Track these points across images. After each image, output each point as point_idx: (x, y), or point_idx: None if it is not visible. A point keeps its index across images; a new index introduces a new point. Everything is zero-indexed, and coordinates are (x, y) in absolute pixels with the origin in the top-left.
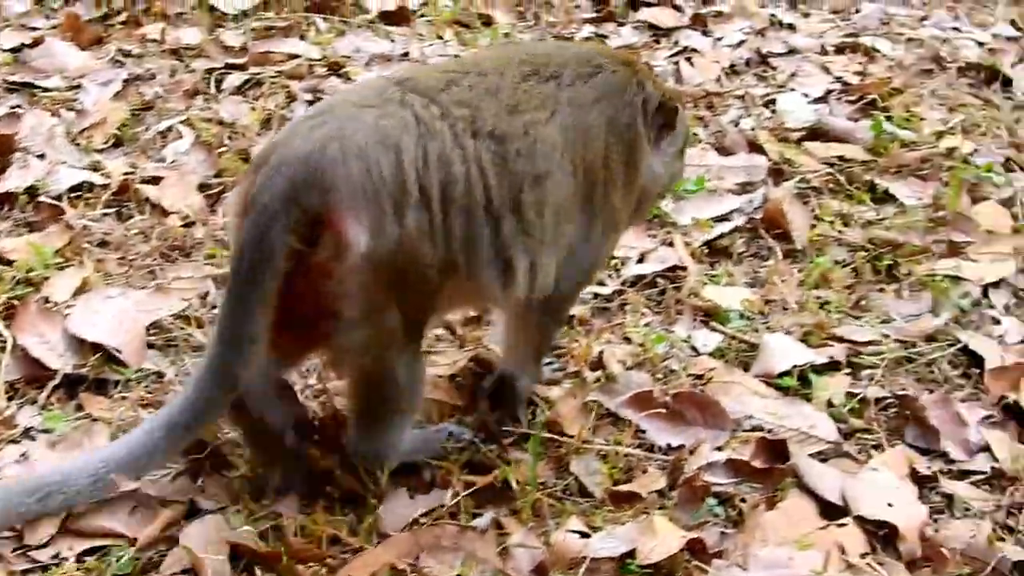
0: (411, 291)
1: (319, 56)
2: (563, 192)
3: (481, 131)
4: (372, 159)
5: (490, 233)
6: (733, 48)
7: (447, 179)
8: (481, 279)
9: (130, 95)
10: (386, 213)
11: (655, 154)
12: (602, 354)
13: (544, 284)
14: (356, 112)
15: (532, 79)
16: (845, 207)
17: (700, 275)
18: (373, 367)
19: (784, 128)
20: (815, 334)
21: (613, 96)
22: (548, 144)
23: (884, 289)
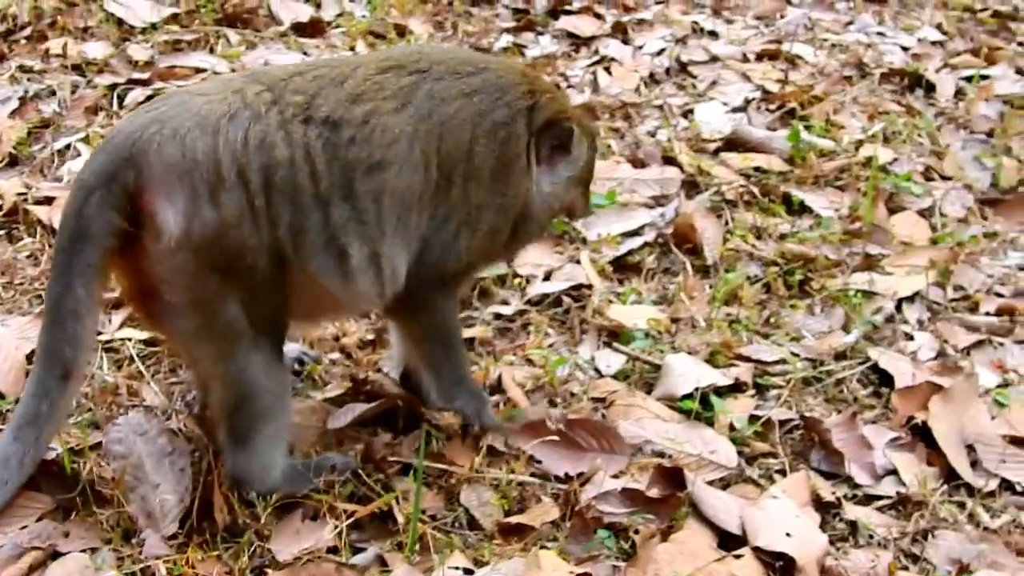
0: (243, 280)
1: (228, 70)
2: (406, 182)
3: (314, 118)
4: (188, 142)
5: (319, 220)
6: (653, 56)
7: (268, 163)
8: (313, 268)
9: (28, 112)
10: (200, 195)
11: (543, 172)
12: (501, 377)
13: (392, 277)
14: (187, 99)
15: (391, 72)
16: (759, 220)
17: (607, 293)
18: (224, 368)
19: (701, 139)
20: (721, 354)
21: (489, 94)
22: (390, 133)
23: (796, 305)
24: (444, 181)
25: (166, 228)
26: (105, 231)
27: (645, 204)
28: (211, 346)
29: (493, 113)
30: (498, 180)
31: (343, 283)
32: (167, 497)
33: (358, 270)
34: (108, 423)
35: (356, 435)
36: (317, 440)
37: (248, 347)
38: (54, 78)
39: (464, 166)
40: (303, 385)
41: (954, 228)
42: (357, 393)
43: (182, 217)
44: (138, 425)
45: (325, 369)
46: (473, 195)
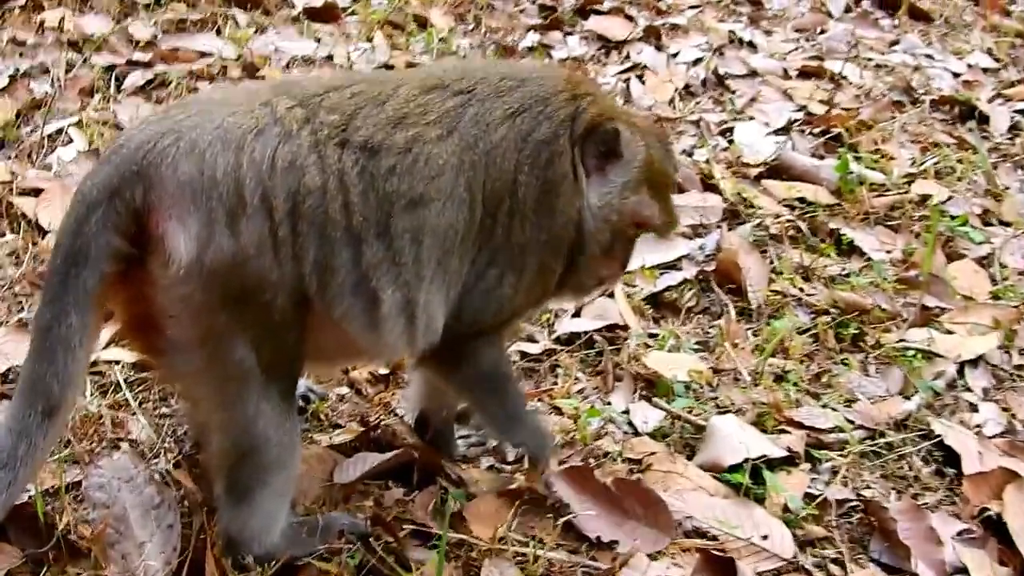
0: (257, 318)
1: (234, 55)
2: (449, 220)
3: (350, 141)
4: (207, 158)
5: (350, 258)
6: (689, 67)
7: (297, 188)
8: (339, 311)
9: (18, 91)
10: (216, 219)
11: (592, 184)
12: None
13: (426, 329)
14: (209, 107)
15: (435, 92)
16: (807, 259)
17: (643, 335)
18: (228, 415)
19: (742, 162)
20: (770, 416)
21: (531, 111)
22: (434, 164)
23: (848, 361)
24: (489, 219)
25: (175, 254)
26: (106, 253)
27: (684, 234)
28: (215, 390)
29: (535, 132)
30: (544, 211)
31: (369, 332)
32: (151, 563)
33: (388, 318)
34: (89, 463)
35: (365, 489)
36: (322, 494)
37: (257, 393)
38: (48, 54)
39: (509, 201)
40: (308, 426)
41: (1015, 281)
42: (367, 439)
43: (194, 243)
44: (123, 469)
45: (332, 407)
46: (517, 233)
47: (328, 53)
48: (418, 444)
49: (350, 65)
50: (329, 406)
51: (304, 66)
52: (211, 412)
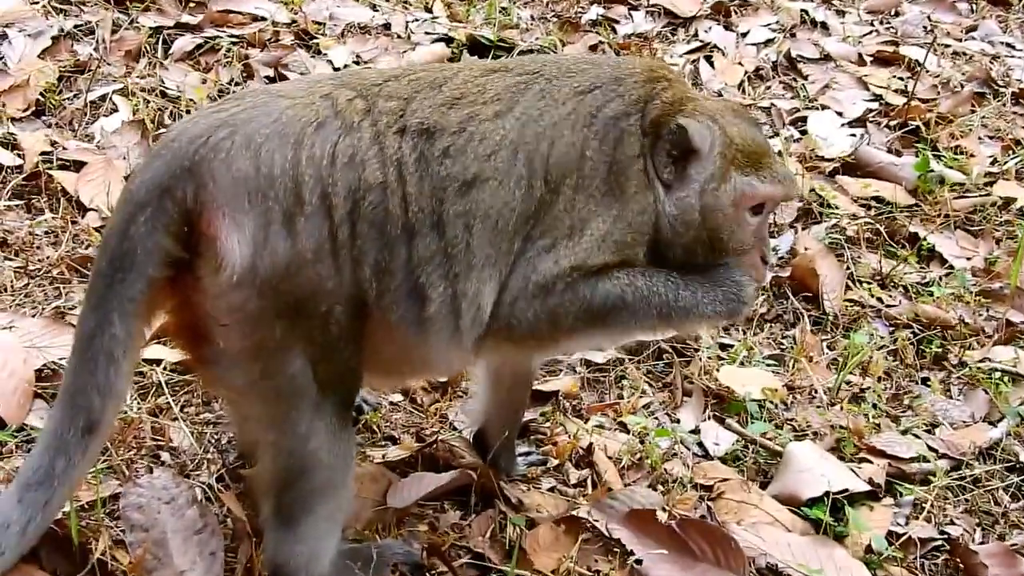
0: (314, 329)
1: (287, 20)
2: (504, 200)
3: (408, 127)
4: (264, 154)
5: (406, 256)
6: (759, 48)
7: (359, 185)
8: (396, 316)
9: (61, 52)
10: (273, 221)
11: (674, 187)
12: (591, 448)
13: (475, 320)
14: (267, 99)
15: (497, 74)
16: (885, 265)
17: (713, 346)
18: (279, 434)
19: (816, 156)
20: (848, 442)
21: (604, 87)
22: (489, 142)
23: (929, 381)
24: (550, 194)
25: (228, 258)
26: (154, 257)
27: None
28: (267, 406)
29: (605, 107)
30: (612, 191)
31: (419, 336)
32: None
33: (436, 315)
34: (127, 479)
35: (420, 511)
36: (375, 518)
37: (311, 411)
38: (94, 13)
39: (576, 174)
40: (360, 439)
41: None
42: (423, 456)
43: (249, 246)
44: (163, 489)
45: (385, 416)
46: (580, 207)
47: (384, 22)
48: (476, 464)
49: (408, 35)
50: (382, 416)
51: (359, 34)
52: (261, 430)
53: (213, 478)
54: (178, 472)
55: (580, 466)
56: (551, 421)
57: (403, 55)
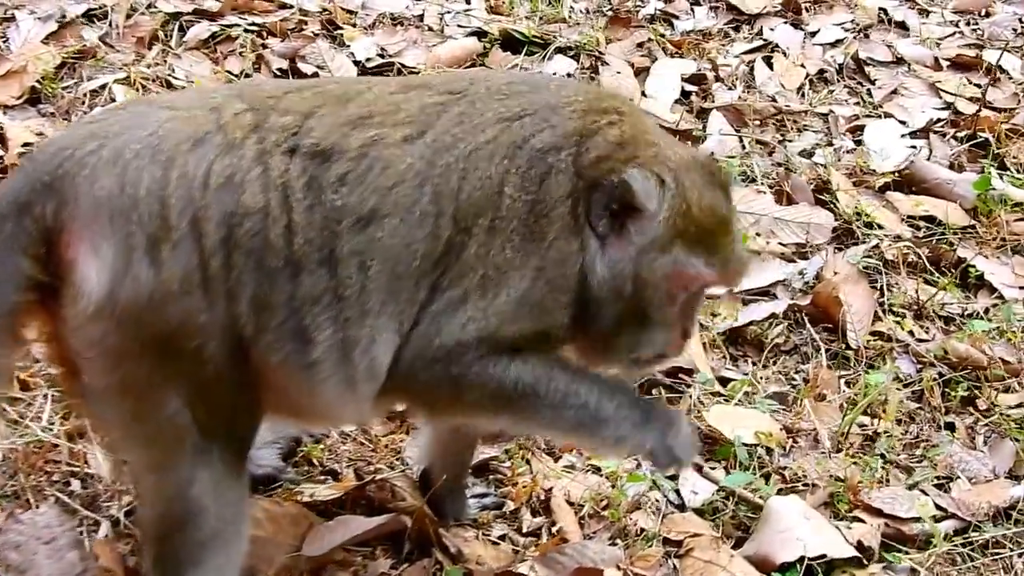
0: (187, 370)
1: (317, 9)
2: (404, 240)
3: (300, 147)
4: (131, 171)
5: (290, 292)
6: (826, 48)
7: (235, 210)
8: (278, 359)
9: (68, 37)
10: (136, 247)
11: (609, 244)
12: (550, 492)
13: (370, 371)
14: (147, 110)
15: (415, 91)
16: (923, 293)
17: (711, 380)
18: (158, 479)
19: (866, 169)
20: (843, 499)
21: (535, 116)
22: (392, 172)
23: (954, 427)
24: (460, 236)
25: (85, 286)
26: (13, 280)
27: (783, 255)
28: (142, 448)
29: (533, 139)
30: (533, 236)
31: (305, 382)
32: None
33: (321, 362)
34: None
35: (346, 559)
36: (289, 564)
37: (193, 455)
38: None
39: (491, 214)
40: (292, 473)
41: None
42: (360, 496)
43: (108, 274)
44: (45, 528)
45: (332, 448)
46: (495, 254)
47: (419, 13)
48: (415, 507)
49: (441, 29)
50: (328, 447)
51: (391, 26)
52: (138, 473)
53: (123, 512)
54: (88, 502)
55: (538, 512)
56: (514, 459)
57: (431, 49)
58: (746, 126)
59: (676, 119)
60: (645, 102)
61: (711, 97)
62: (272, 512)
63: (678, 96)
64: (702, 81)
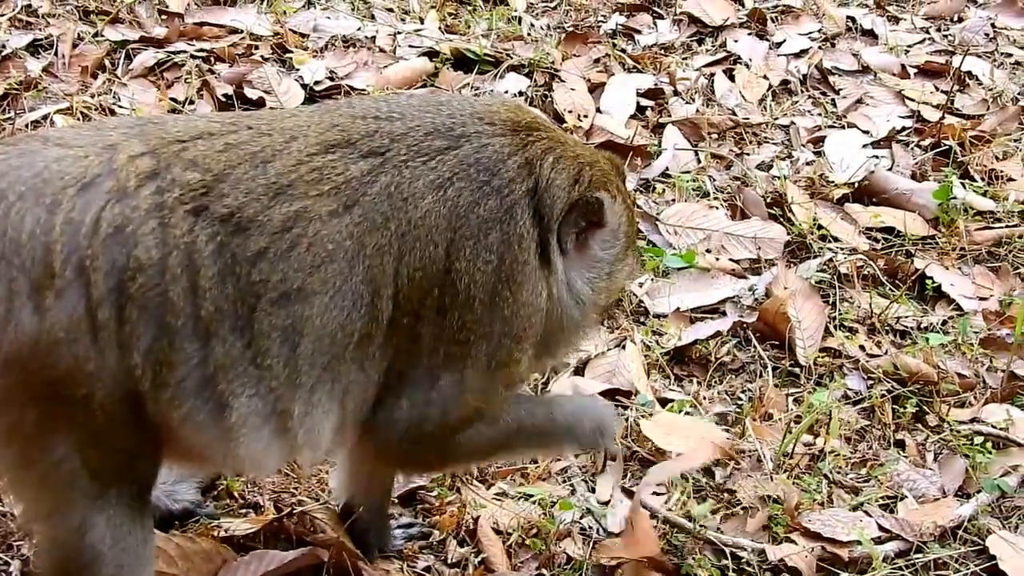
0: (75, 417)
1: (269, 32)
2: (339, 320)
3: (211, 209)
4: (13, 214)
5: (194, 352)
6: (790, 59)
7: (125, 263)
8: (179, 414)
9: (11, 68)
10: (17, 292)
11: (572, 265)
12: (478, 521)
13: (309, 442)
14: (39, 147)
15: (337, 151)
16: (876, 307)
17: (651, 402)
18: (49, 522)
19: (824, 181)
20: (781, 522)
21: (470, 180)
22: (320, 249)
23: (904, 444)
24: (406, 318)
25: None
26: None
27: (732, 271)
28: (33, 494)
29: (479, 207)
30: (497, 301)
31: (218, 442)
32: None
33: (242, 427)
34: None
35: None
36: None
37: (86, 501)
38: (59, 26)
39: (438, 295)
40: (211, 507)
41: None
42: (280, 529)
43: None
44: None
45: (253, 481)
46: (454, 330)
47: (371, 35)
48: (335, 540)
49: (393, 50)
50: (249, 480)
51: (343, 48)
52: (31, 519)
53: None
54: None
55: (465, 542)
56: (442, 488)
57: (381, 71)
58: (703, 140)
59: (630, 134)
60: (599, 118)
61: (667, 111)
62: (185, 549)
63: (633, 111)
64: (659, 96)
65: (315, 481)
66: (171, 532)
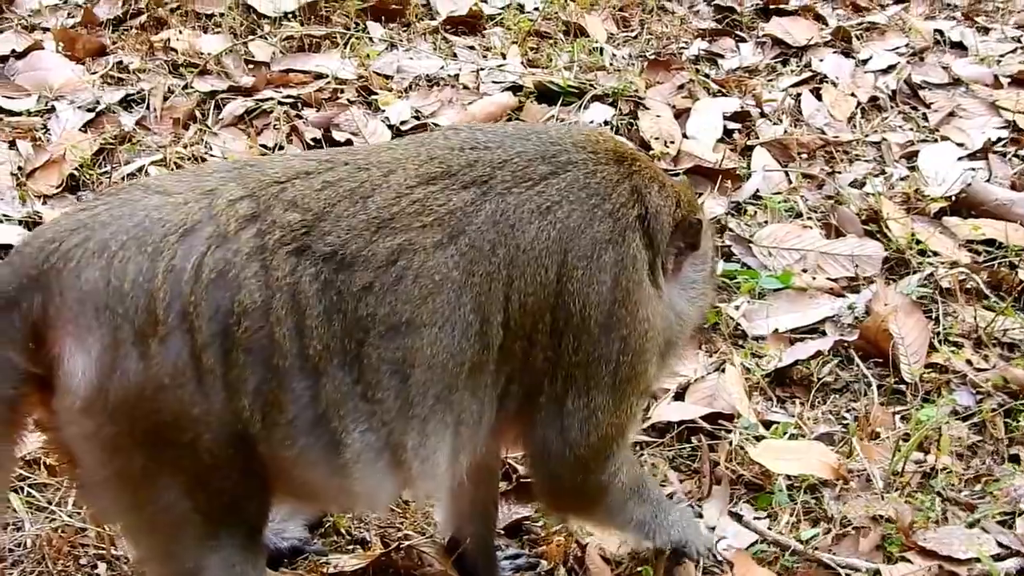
0: (183, 461)
1: (354, 75)
2: (449, 350)
3: (312, 249)
4: (117, 264)
5: (305, 391)
6: (878, 75)
7: (230, 308)
8: (292, 453)
9: (106, 124)
10: (123, 340)
11: (674, 289)
12: (585, 549)
13: (425, 472)
14: (140, 196)
15: (437, 183)
16: (982, 319)
17: (754, 425)
18: (163, 565)
19: (920, 195)
20: (895, 542)
21: (579, 203)
22: (427, 281)
23: (1019, 458)
24: (520, 342)
25: (71, 382)
26: (5, 373)
27: (831, 290)
28: (146, 538)
29: (591, 228)
30: (613, 320)
31: (334, 478)
32: None
33: (357, 463)
34: None
35: None
36: None
37: (197, 543)
38: (150, 80)
39: (551, 316)
40: (319, 544)
41: None
42: (385, 565)
43: (95, 369)
44: None
45: (359, 517)
46: (572, 350)
47: (454, 72)
48: (441, 573)
49: (477, 86)
50: (356, 516)
51: (427, 87)
52: (144, 562)
53: None
54: None
55: (574, 571)
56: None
57: (466, 107)
58: (792, 160)
59: (718, 158)
60: (686, 143)
61: (755, 133)
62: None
63: (720, 135)
64: (746, 118)
65: (421, 515)
66: (280, 570)
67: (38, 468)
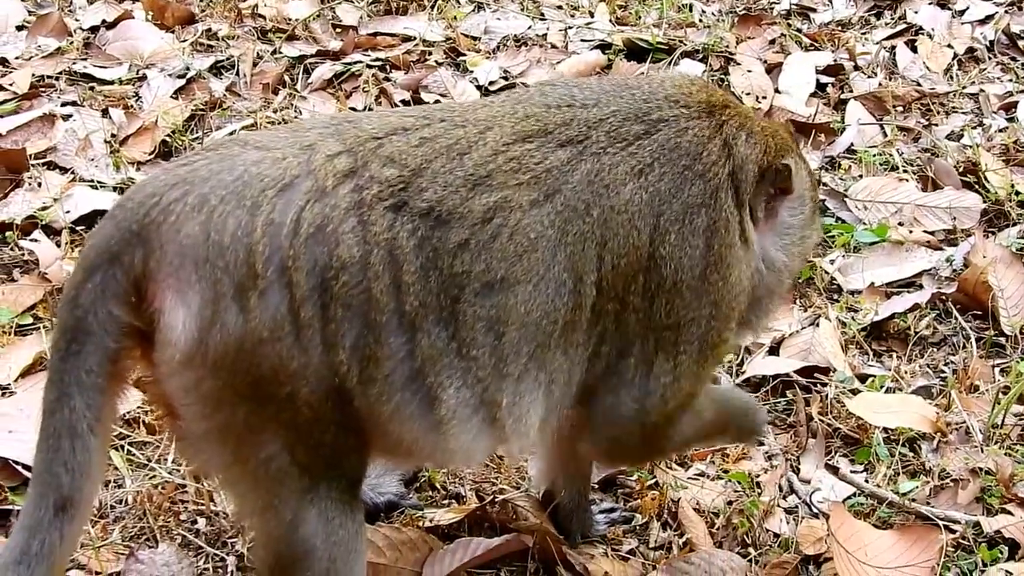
0: (283, 413)
1: (441, 37)
2: (544, 308)
3: (409, 205)
4: (216, 218)
5: (401, 346)
6: (975, 26)
7: (328, 263)
8: (389, 409)
9: (196, 90)
10: (223, 294)
11: (768, 237)
12: (679, 504)
13: (517, 429)
14: (238, 151)
15: (534, 141)
16: None
17: (850, 378)
18: (262, 516)
19: (1019, 147)
20: (995, 494)
21: (671, 164)
22: (522, 238)
23: None
24: (611, 304)
25: (172, 335)
26: (108, 328)
27: (928, 243)
28: (246, 490)
29: (683, 192)
30: (705, 285)
31: (430, 434)
32: None
33: (452, 419)
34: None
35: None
36: None
37: (297, 496)
38: (239, 47)
39: (644, 280)
40: (414, 499)
41: None
42: (483, 517)
43: (195, 322)
44: (164, 567)
45: (454, 472)
46: (662, 316)
47: (542, 32)
48: (538, 526)
49: (565, 45)
50: (450, 471)
51: (515, 47)
52: (245, 515)
53: (247, 547)
54: (213, 539)
55: (668, 525)
56: (642, 471)
57: (554, 66)
58: (887, 113)
59: (812, 112)
60: (778, 98)
61: (848, 87)
62: (392, 539)
63: (813, 89)
64: (839, 72)
65: (515, 470)
66: (376, 524)
67: (137, 427)
